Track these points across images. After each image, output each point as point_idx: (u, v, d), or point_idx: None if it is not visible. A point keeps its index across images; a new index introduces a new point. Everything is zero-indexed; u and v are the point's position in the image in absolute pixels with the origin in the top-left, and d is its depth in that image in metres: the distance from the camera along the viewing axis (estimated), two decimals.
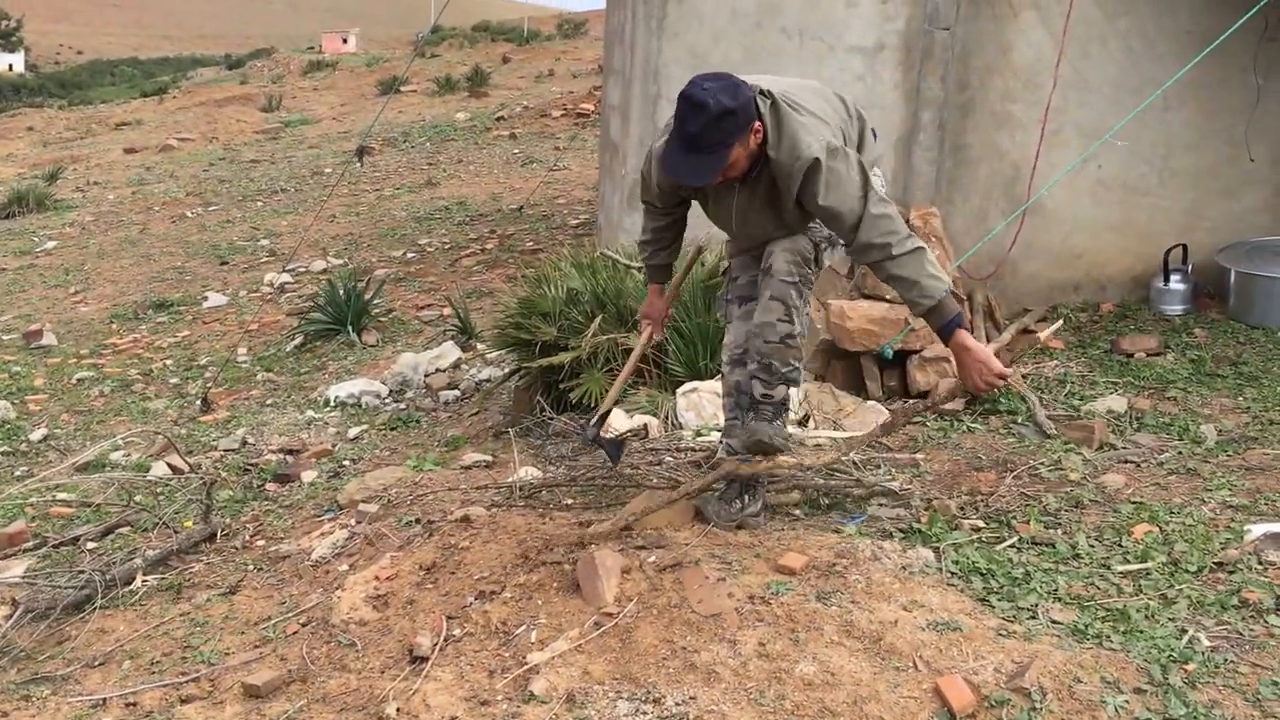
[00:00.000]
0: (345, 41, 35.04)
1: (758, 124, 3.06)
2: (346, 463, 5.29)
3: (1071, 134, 5.92)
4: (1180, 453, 4.13)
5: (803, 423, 4.62)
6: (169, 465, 5.34)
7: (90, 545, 4.44)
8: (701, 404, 4.79)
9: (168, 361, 7.64)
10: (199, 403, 6.54)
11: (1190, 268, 5.93)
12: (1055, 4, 5.81)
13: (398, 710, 2.77)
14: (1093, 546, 3.37)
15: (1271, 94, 6.09)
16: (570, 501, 3.97)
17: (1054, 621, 2.92)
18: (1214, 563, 3.20)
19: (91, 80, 39.74)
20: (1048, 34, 5.83)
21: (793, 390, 3.54)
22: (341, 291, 7.67)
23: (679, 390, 4.86)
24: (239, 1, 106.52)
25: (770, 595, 3.02)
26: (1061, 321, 3.38)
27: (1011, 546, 3.39)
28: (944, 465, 4.14)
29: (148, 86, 32.03)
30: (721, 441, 3.73)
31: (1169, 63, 5.65)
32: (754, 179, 3.21)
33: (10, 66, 70.64)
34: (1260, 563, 3.17)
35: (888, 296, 4.98)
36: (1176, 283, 5.91)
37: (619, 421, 4.69)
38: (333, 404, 6.25)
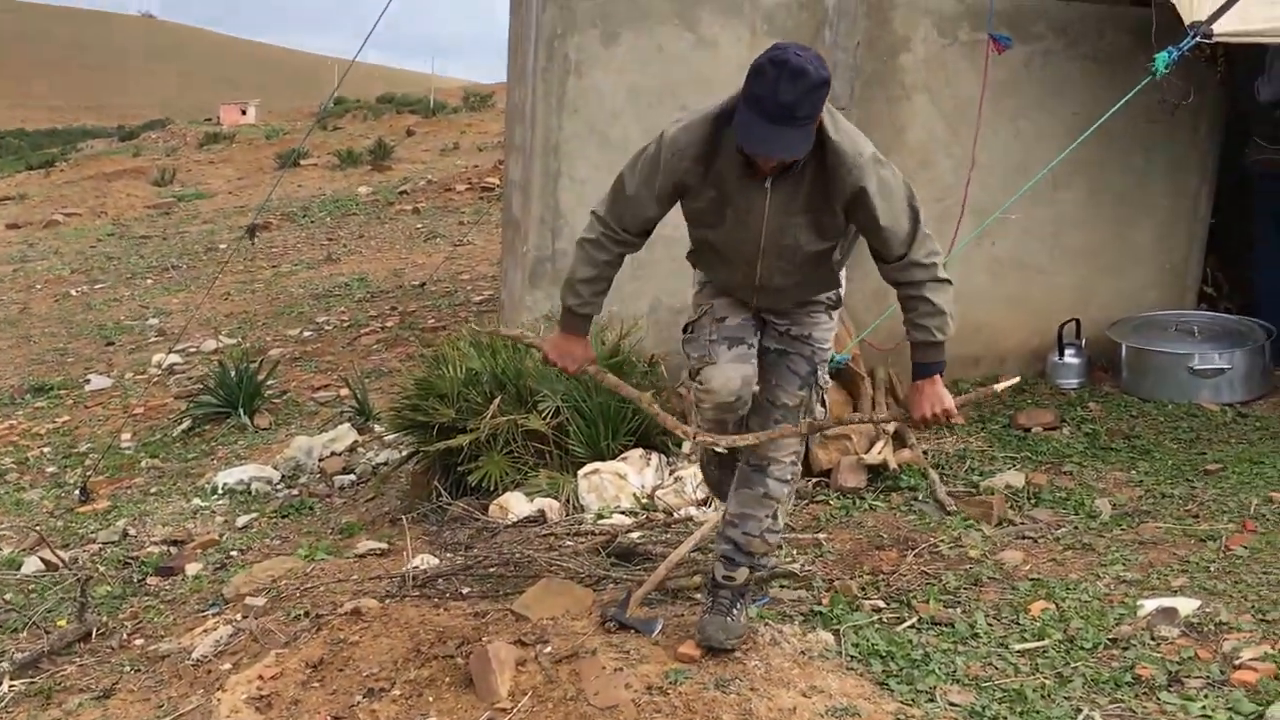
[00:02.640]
0: (244, 113, 34.54)
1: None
2: (234, 553, 5.07)
3: (964, 212, 6.05)
4: (1076, 527, 4.19)
5: (705, 503, 4.57)
6: (42, 560, 5.07)
7: None
8: (604, 486, 4.72)
9: (45, 449, 7.29)
10: (78, 492, 6.23)
11: (1084, 342, 6.09)
12: (945, 86, 5.98)
13: None
14: (991, 625, 3.37)
15: (1155, 174, 6.34)
16: (466, 590, 3.85)
17: (951, 704, 2.90)
18: (1109, 639, 3.23)
19: None
20: (939, 115, 6.00)
21: (758, 570, 3.28)
22: (233, 372, 7.42)
23: (580, 472, 4.78)
24: (132, 70, 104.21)
25: (669, 684, 2.94)
26: (1019, 378, 3.40)
27: (911, 627, 3.38)
28: (846, 544, 4.13)
29: (34, 159, 31.01)
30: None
31: (1057, 143, 5.83)
32: (796, 175, 2.85)
33: None
34: (1153, 638, 3.21)
35: None
36: (1071, 357, 6.06)
37: (519, 507, 4.59)
38: (221, 491, 6.00)
